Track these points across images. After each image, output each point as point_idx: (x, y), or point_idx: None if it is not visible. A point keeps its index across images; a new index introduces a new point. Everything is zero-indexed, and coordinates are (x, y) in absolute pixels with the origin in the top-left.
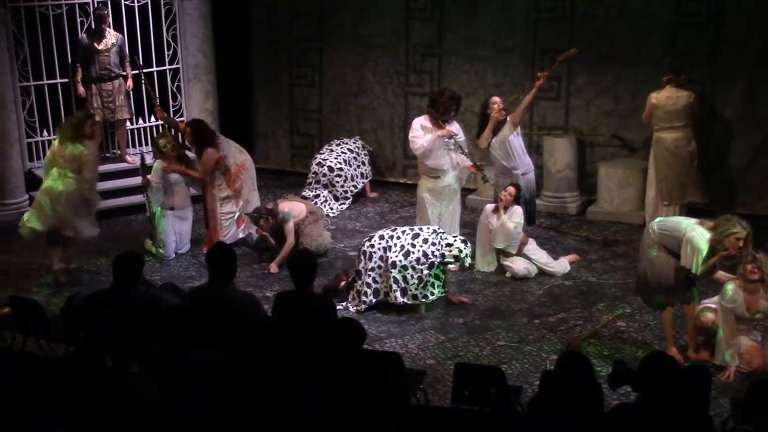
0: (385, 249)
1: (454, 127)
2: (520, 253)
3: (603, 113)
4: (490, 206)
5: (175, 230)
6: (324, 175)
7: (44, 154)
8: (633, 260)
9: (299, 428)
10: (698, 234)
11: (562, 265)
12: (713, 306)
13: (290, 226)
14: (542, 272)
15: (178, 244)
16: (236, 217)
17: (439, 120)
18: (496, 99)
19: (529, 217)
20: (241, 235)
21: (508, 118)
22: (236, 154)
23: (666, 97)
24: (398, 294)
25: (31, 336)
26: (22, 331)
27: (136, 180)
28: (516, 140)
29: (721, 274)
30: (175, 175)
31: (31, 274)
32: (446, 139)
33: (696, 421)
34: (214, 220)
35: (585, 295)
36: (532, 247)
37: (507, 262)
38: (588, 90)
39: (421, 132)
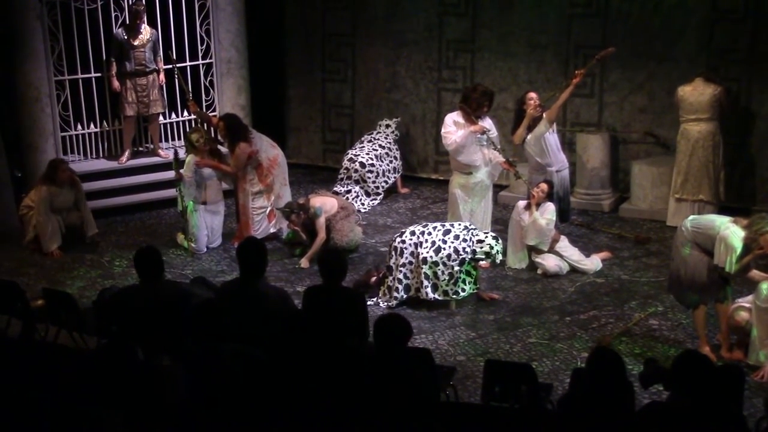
0: (416, 245)
1: (487, 123)
2: (551, 250)
3: (637, 110)
4: (522, 203)
5: (207, 225)
6: (355, 171)
7: (78, 148)
8: (666, 258)
9: (328, 422)
10: (732, 232)
11: (594, 262)
12: (747, 305)
13: (321, 221)
14: (574, 269)
15: (210, 238)
16: (268, 211)
17: (471, 116)
18: (533, 95)
19: (563, 215)
20: (272, 230)
21: (544, 115)
22: (269, 149)
23: (692, 89)
24: (429, 290)
25: (64, 328)
26: (56, 323)
27: (169, 174)
28: (551, 137)
29: (755, 273)
30: (208, 170)
31: (65, 267)
32: (479, 135)
33: (729, 421)
34: (246, 215)
35: (617, 293)
36: (564, 245)
37: (538, 259)
38: (622, 86)
39: (453, 128)
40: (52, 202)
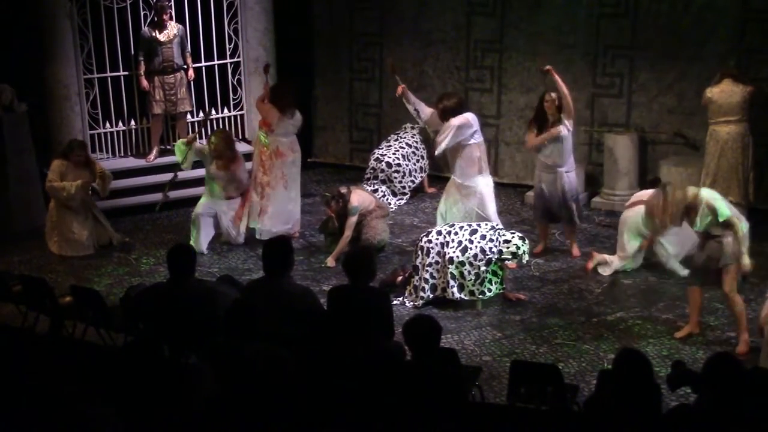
0: (442, 244)
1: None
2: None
3: (666, 111)
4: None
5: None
6: (382, 170)
7: (106, 146)
8: None
9: (354, 422)
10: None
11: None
12: None
13: (353, 221)
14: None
15: (235, 234)
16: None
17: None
18: (552, 95)
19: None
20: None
21: (562, 116)
22: (286, 147)
23: (720, 91)
24: (455, 290)
25: (91, 325)
26: (83, 320)
27: (196, 172)
28: (568, 137)
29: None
30: (221, 173)
31: (92, 264)
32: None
33: (758, 425)
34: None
35: (644, 294)
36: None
37: (610, 258)
38: (651, 87)
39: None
40: (64, 177)
